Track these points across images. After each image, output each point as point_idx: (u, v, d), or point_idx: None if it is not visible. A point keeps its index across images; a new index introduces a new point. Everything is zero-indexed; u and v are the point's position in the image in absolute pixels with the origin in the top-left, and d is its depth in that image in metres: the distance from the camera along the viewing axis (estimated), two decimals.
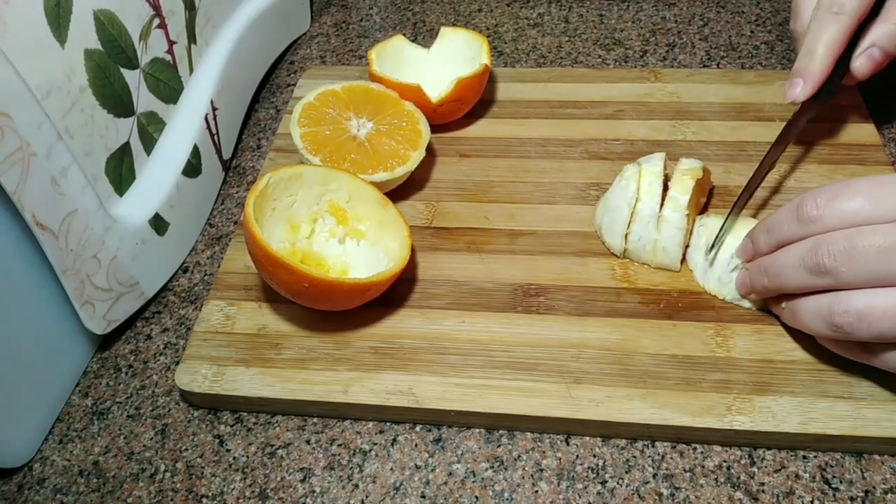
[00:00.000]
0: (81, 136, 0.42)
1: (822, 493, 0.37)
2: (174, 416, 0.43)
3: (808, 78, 0.45)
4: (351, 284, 0.41)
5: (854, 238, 0.34)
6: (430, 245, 0.48)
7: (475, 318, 0.44)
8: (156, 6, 0.48)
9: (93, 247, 0.42)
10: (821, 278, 0.35)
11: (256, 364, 0.43)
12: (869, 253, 0.33)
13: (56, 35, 0.39)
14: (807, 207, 0.36)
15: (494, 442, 0.40)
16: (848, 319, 0.34)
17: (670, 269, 0.45)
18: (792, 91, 0.46)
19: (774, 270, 0.38)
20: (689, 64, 0.62)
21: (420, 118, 0.51)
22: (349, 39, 0.70)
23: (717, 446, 0.39)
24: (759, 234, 0.40)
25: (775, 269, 0.38)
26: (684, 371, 0.40)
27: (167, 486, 0.40)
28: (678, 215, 0.43)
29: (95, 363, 0.46)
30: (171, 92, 0.50)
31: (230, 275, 0.48)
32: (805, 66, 0.46)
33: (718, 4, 0.69)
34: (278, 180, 0.44)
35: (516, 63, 0.64)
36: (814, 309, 0.36)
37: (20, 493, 0.40)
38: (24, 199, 0.37)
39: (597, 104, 0.57)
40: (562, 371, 0.41)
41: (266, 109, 0.63)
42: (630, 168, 0.46)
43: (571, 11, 0.70)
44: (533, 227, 0.49)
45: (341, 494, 0.39)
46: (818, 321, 0.36)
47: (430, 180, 0.53)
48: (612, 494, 0.38)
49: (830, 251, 0.34)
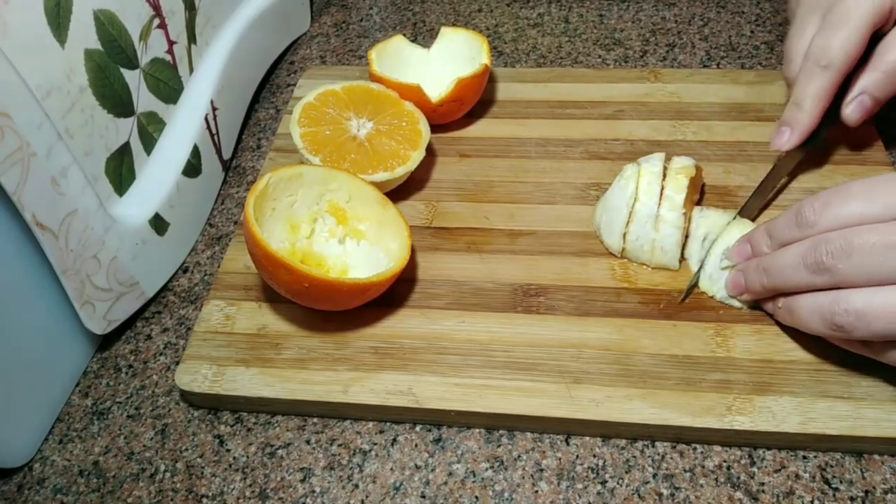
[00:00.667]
0: (81, 136, 0.42)
1: (822, 493, 0.37)
2: (174, 416, 0.43)
3: (796, 128, 0.47)
4: (351, 284, 0.41)
5: (850, 236, 0.35)
6: (430, 245, 0.48)
7: (475, 318, 0.44)
8: (156, 6, 0.48)
9: (93, 247, 0.42)
10: (820, 276, 0.36)
11: (256, 364, 0.43)
12: (865, 250, 0.34)
13: (56, 35, 0.39)
14: (805, 213, 0.37)
15: (494, 442, 0.40)
16: (847, 319, 0.35)
17: (669, 269, 0.45)
18: (778, 140, 0.48)
19: (774, 269, 0.38)
20: (689, 64, 0.62)
21: (420, 118, 0.51)
22: (349, 39, 0.70)
23: (717, 446, 0.39)
24: (759, 238, 0.40)
25: (775, 268, 0.38)
26: (684, 371, 0.40)
27: (167, 486, 0.40)
28: (675, 214, 0.43)
29: (95, 363, 0.46)
30: (171, 92, 0.50)
31: (230, 275, 0.48)
32: (793, 116, 0.47)
33: (718, 4, 0.69)
34: (278, 180, 0.44)
35: (516, 63, 0.64)
36: (813, 308, 0.37)
37: (20, 493, 0.40)
38: (24, 199, 0.37)
39: (597, 104, 0.57)
40: (562, 371, 0.41)
41: (266, 109, 0.63)
42: (629, 168, 0.46)
43: (571, 11, 0.70)
44: (533, 227, 0.49)
45: (341, 494, 0.39)
46: (817, 320, 0.36)
47: (430, 180, 0.53)
48: (612, 494, 0.38)
49: (828, 249, 0.35)
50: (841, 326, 0.35)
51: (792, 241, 0.38)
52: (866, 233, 0.34)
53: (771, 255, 0.39)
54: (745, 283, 0.41)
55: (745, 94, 0.56)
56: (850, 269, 0.34)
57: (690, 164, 0.45)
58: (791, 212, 0.38)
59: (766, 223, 0.40)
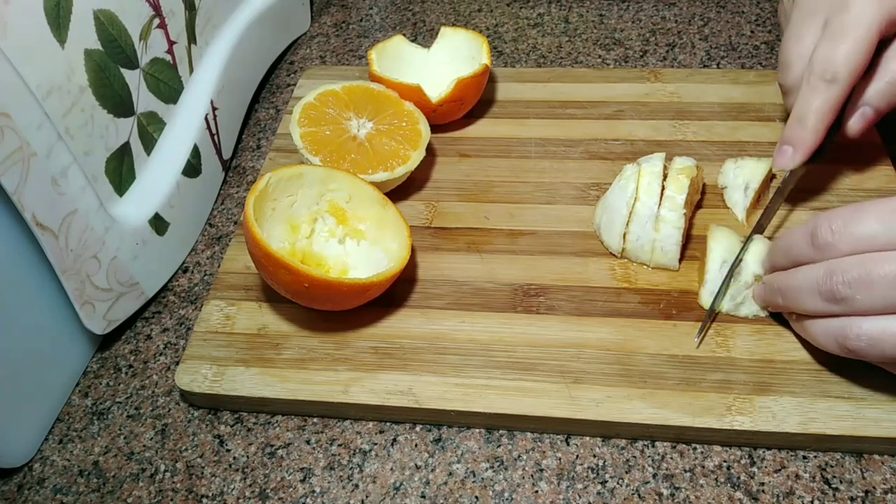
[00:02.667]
0: (81, 136, 0.42)
1: (822, 493, 0.37)
2: (174, 416, 0.43)
3: (799, 147, 0.44)
4: (351, 284, 0.41)
5: (868, 266, 0.34)
6: (430, 245, 0.48)
7: (475, 318, 0.44)
8: (156, 6, 0.48)
9: (93, 247, 0.42)
10: (836, 305, 0.35)
11: (256, 364, 0.43)
12: (885, 281, 0.33)
13: (56, 35, 0.39)
14: (821, 232, 0.36)
15: (494, 442, 0.40)
16: (860, 345, 0.34)
17: (669, 269, 0.45)
18: (781, 160, 0.44)
19: (790, 294, 0.37)
20: (689, 64, 0.62)
21: (420, 118, 0.51)
22: (349, 39, 0.70)
23: (717, 446, 0.39)
24: (777, 256, 0.39)
25: (791, 291, 0.37)
26: (684, 371, 0.40)
27: (167, 486, 0.40)
28: (675, 214, 0.43)
29: (95, 363, 0.46)
30: (171, 92, 0.50)
31: (230, 275, 0.48)
32: (796, 134, 0.44)
33: (718, 4, 0.69)
34: (278, 180, 0.44)
35: (516, 63, 0.64)
36: (827, 331, 0.36)
37: (20, 493, 0.40)
38: (24, 199, 0.37)
39: (597, 104, 0.57)
40: (562, 371, 0.41)
41: (266, 109, 0.63)
42: (629, 168, 0.46)
43: (571, 11, 0.70)
44: (533, 227, 0.49)
45: (341, 494, 0.39)
46: (831, 343, 0.36)
47: (430, 180, 0.53)
48: (612, 494, 0.38)
49: (846, 279, 0.34)
50: (854, 351, 0.35)
51: (806, 261, 0.37)
52: (885, 263, 0.33)
53: (786, 276, 0.38)
54: (764, 298, 0.40)
55: (745, 94, 0.56)
56: (867, 300, 0.34)
57: (692, 165, 0.45)
58: (805, 230, 0.37)
59: (781, 238, 0.39)
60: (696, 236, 0.47)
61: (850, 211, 0.35)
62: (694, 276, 0.45)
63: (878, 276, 0.33)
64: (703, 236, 0.47)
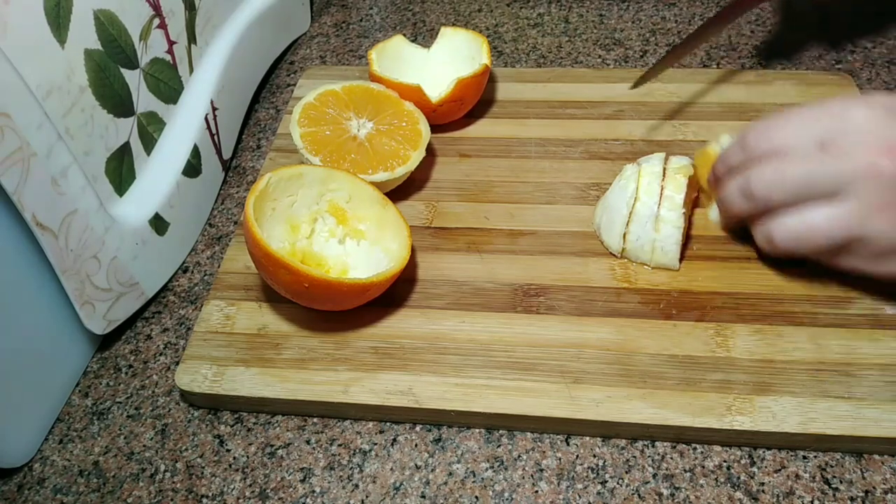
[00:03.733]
0: (81, 136, 0.42)
1: (822, 493, 0.37)
2: (174, 416, 0.43)
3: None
4: (351, 284, 0.41)
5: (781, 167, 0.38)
6: (430, 245, 0.48)
7: (475, 318, 0.44)
8: (156, 6, 0.48)
9: (93, 247, 0.42)
10: (756, 204, 0.40)
11: (256, 364, 0.43)
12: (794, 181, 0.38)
13: (56, 35, 0.39)
14: (748, 139, 0.40)
15: (494, 442, 0.40)
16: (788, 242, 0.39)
17: (669, 269, 0.45)
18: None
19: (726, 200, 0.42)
20: (689, 64, 0.62)
21: (420, 118, 0.51)
22: (349, 39, 0.70)
23: (717, 446, 0.39)
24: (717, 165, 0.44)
25: (727, 199, 0.42)
26: (684, 371, 0.40)
27: (167, 486, 0.40)
28: (675, 214, 0.43)
29: (95, 363, 0.46)
30: (171, 92, 0.50)
31: (230, 275, 0.48)
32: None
33: (718, 4, 0.69)
34: (278, 180, 0.44)
35: (516, 63, 0.64)
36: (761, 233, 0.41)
37: (20, 493, 0.40)
38: (24, 199, 0.37)
39: (597, 104, 0.57)
40: (562, 371, 0.41)
41: (266, 109, 0.63)
42: (629, 168, 0.46)
43: (571, 11, 0.70)
44: (533, 227, 0.49)
45: (341, 494, 0.39)
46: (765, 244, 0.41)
47: (430, 180, 0.53)
48: (612, 494, 0.38)
49: (763, 179, 0.39)
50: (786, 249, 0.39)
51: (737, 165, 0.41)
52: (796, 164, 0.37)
53: (722, 183, 0.43)
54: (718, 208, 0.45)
55: (745, 94, 0.56)
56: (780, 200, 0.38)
57: (688, 164, 0.45)
58: (738, 138, 0.41)
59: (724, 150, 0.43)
60: (696, 236, 0.47)
61: (776, 118, 0.40)
62: (694, 276, 0.45)
63: (790, 176, 0.38)
64: (703, 236, 0.47)
